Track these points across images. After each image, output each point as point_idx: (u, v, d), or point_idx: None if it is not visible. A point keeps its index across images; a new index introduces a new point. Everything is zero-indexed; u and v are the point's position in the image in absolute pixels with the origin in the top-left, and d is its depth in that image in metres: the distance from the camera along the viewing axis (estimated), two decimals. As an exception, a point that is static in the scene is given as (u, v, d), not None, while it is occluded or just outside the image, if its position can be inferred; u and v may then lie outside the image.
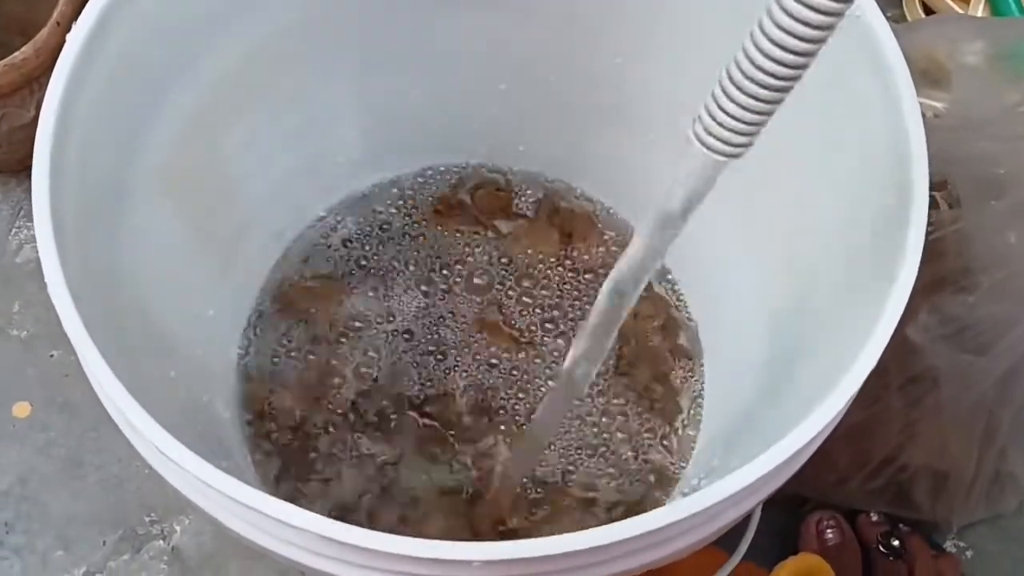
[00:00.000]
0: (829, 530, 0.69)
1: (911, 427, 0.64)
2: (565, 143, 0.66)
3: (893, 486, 0.67)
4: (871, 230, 0.44)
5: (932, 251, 0.42)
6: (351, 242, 0.66)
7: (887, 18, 0.45)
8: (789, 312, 0.51)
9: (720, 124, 0.32)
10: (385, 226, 0.67)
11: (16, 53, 0.66)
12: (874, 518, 0.70)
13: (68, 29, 0.67)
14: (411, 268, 0.65)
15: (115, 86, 0.44)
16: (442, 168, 0.69)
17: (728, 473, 0.37)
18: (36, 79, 0.67)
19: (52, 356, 0.72)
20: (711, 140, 0.33)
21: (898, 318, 0.39)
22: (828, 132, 0.48)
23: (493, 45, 0.61)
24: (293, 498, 0.55)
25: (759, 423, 0.49)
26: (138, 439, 0.38)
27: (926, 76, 0.66)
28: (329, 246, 0.66)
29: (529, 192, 0.68)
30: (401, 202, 0.68)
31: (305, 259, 0.65)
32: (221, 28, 0.52)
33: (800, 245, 0.51)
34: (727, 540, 0.50)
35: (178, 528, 0.67)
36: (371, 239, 0.66)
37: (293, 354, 0.62)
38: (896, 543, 0.69)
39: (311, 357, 0.62)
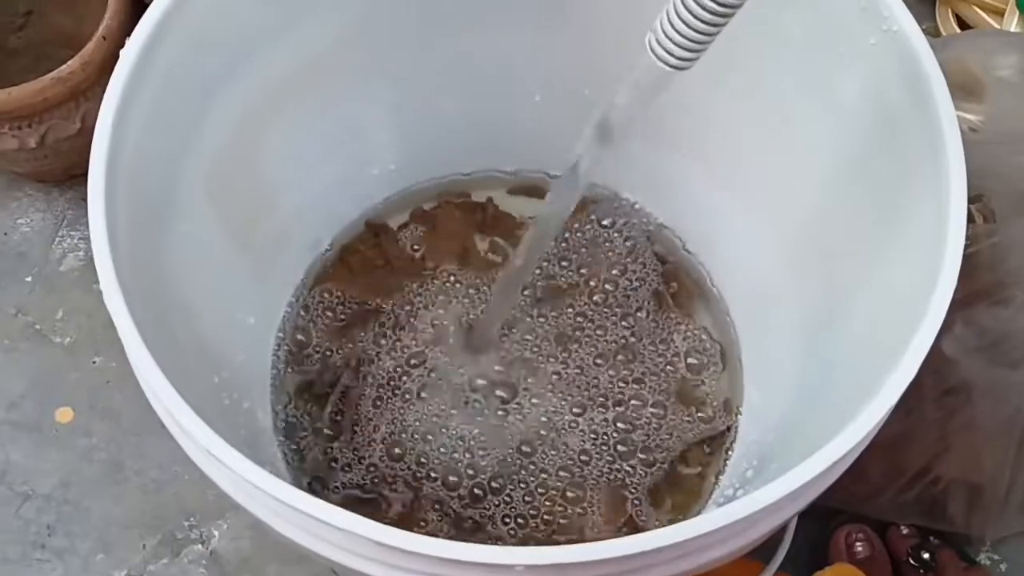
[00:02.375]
0: (859, 543, 0.69)
1: (945, 440, 0.64)
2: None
3: (926, 499, 0.67)
4: (909, 244, 0.45)
5: (967, 264, 0.42)
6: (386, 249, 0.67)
7: (922, 30, 0.45)
8: (827, 325, 0.51)
9: (670, 39, 0.38)
10: (418, 234, 0.68)
11: (63, 67, 0.67)
12: (904, 531, 0.70)
13: (114, 43, 0.69)
14: (445, 278, 0.66)
15: (164, 101, 0.46)
16: (476, 176, 0.70)
17: (763, 481, 0.37)
18: (82, 92, 0.69)
19: (94, 363, 0.74)
20: (662, 52, 0.38)
21: (936, 331, 0.39)
22: (865, 146, 0.49)
23: (526, 58, 0.62)
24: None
25: (795, 434, 0.50)
26: (187, 441, 0.38)
27: (961, 90, 0.66)
28: (364, 254, 0.67)
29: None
30: (436, 210, 0.69)
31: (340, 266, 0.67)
32: (264, 44, 0.53)
33: (838, 259, 0.51)
34: (761, 551, 0.50)
35: (216, 532, 0.68)
36: (405, 246, 0.67)
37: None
38: (926, 556, 0.69)
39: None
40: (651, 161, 0.63)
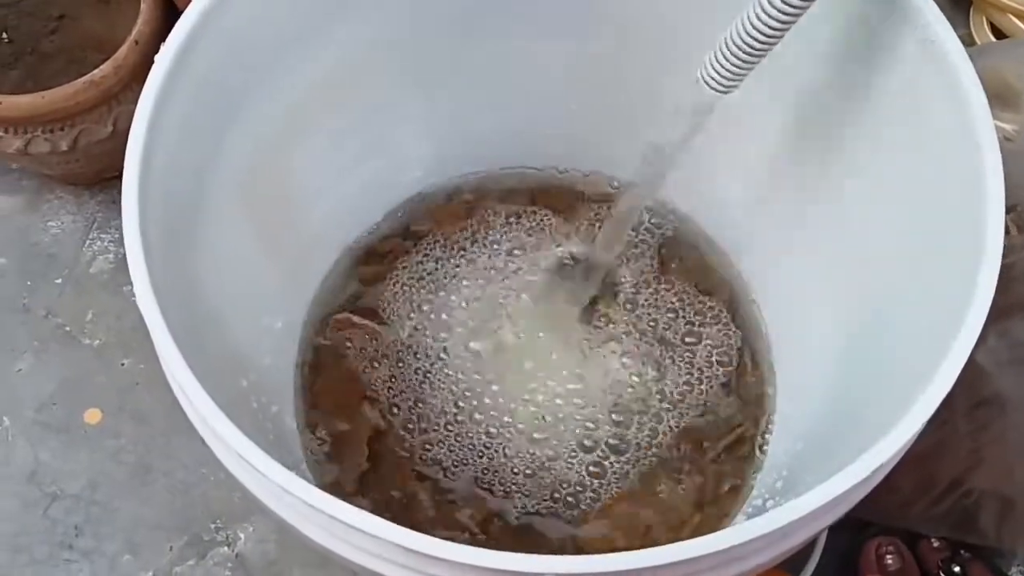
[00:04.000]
0: (889, 555, 0.68)
1: (977, 452, 0.63)
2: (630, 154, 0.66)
3: (957, 511, 0.66)
4: (945, 256, 0.44)
5: (1002, 276, 0.41)
6: (413, 254, 0.67)
7: (957, 38, 0.45)
8: (861, 334, 0.51)
9: (717, 68, 0.46)
10: (448, 238, 0.68)
11: (96, 71, 0.68)
12: (935, 544, 0.69)
13: (147, 48, 0.70)
14: (476, 282, 0.66)
15: (197, 108, 0.46)
16: (508, 185, 0.70)
17: (794, 493, 0.37)
18: (114, 96, 0.69)
19: (123, 365, 0.74)
20: (710, 79, 0.46)
21: (972, 344, 0.39)
22: (902, 156, 0.48)
23: (561, 67, 0.62)
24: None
25: (827, 445, 0.49)
26: (219, 446, 0.38)
27: (997, 99, 0.65)
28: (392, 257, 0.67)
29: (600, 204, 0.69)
30: (466, 213, 0.69)
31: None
32: (296, 53, 0.53)
33: (873, 268, 0.51)
34: (791, 563, 0.50)
35: (242, 535, 0.68)
36: (433, 250, 0.67)
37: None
38: (957, 569, 0.68)
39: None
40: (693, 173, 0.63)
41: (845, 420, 0.49)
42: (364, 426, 0.60)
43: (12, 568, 0.67)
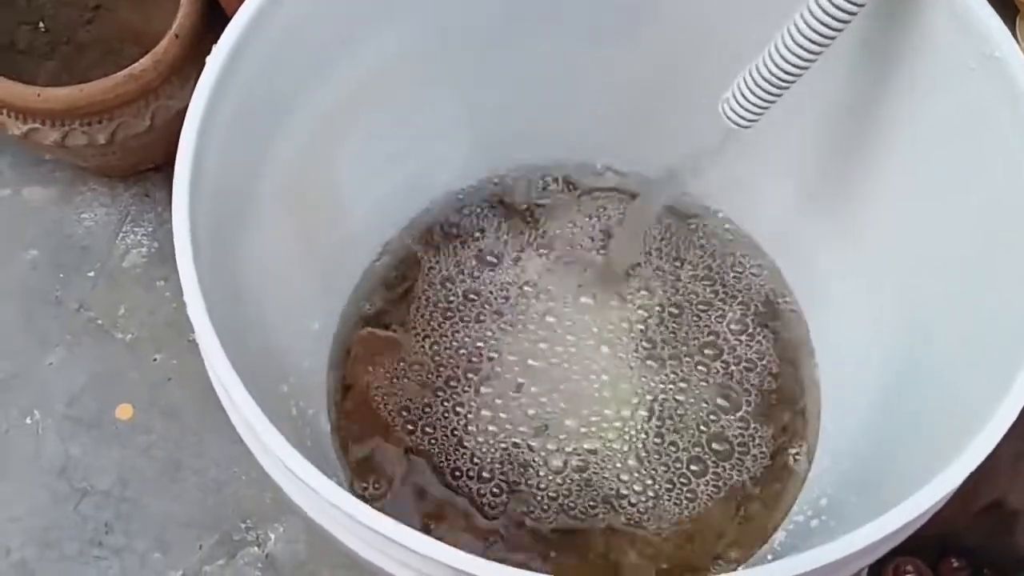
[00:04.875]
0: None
1: (1019, 472, 0.62)
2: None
3: (997, 527, 0.66)
4: (1003, 271, 0.43)
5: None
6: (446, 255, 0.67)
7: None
8: (911, 354, 0.50)
9: (739, 104, 0.47)
10: (481, 238, 0.67)
11: (135, 64, 0.67)
12: (955, 563, 0.69)
13: (186, 42, 0.69)
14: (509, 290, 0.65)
15: (247, 108, 0.45)
16: (542, 186, 0.70)
17: (839, 513, 0.36)
18: (153, 90, 0.69)
19: (155, 360, 0.74)
20: (732, 114, 0.48)
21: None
22: (958, 168, 0.47)
23: (597, 73, 0.61)
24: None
25: (876, 466, 0.48)
26: (264, 455, 0.38)
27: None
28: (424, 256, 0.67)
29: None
30: (499, 214, 0.68)
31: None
32: (343, 54, 0.53)
33: (926, 283, 0.50)
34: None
35: (272, 535, 0.68)
36: (466, 251, 0.67)
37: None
38: None
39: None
40: (736, 180, 0.62)
41: (894, 441, 0.48)
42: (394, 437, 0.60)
43: (42, 563, 0.67)
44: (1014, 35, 0.82)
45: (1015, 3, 0.81)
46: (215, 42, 0.44)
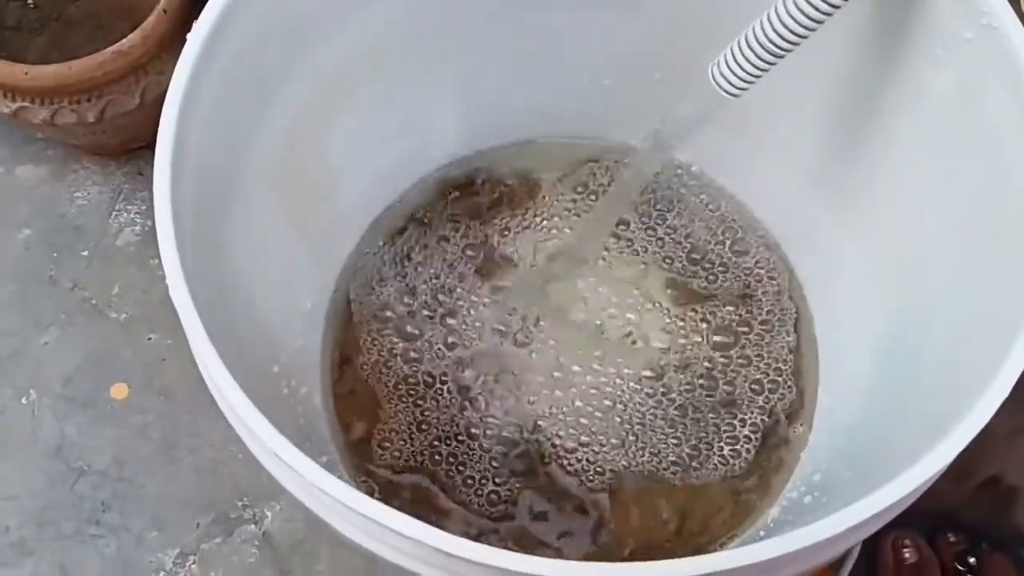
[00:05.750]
0: (906, 550, 0.68)
1: (1015, 449, 0.62)
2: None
3: (993, 502, 0.66)
4: (1000, 254, 0.43)
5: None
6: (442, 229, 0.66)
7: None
8: (909, 331, 0.50)
9: (731, 71, 0.46)
10: (478, 214, 0.67)
11: (123, 40, 0.67)
12: (952, 538, 0.69)
13: (175, 17, 0.68)
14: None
15: (231, 85, 0.45)
16: (541, 160, 0.69)
17: (833, 489, 0.36)
18: (142, 67, 0.68)
19: (149, 339, 0.73)
20: (723, 81, 0.46)
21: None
22: (956, 144, 0.46)
23: (597, 41, 0.60)
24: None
25: (870, 444, 0.48)
26: (253, 441, 0.38)
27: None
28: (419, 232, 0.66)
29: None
30: (497, 189, 0.68)
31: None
32: (330, 28, 0.52)
33: (925, 266, 0.49)
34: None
35: (269, 513, 0.68)
36: (462, 225, 0.66)
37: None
38: (973, 560, 0.67)
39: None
40: (739, 154, 0.62)
41: (888, 419, 0.48)
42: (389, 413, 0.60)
43: (39, 543, 0.67)
44: (1013, 5, 0.81)
45: (1016, -29, 0.80)
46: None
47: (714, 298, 0.63)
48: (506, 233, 0.66)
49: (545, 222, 0.66)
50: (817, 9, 0.42)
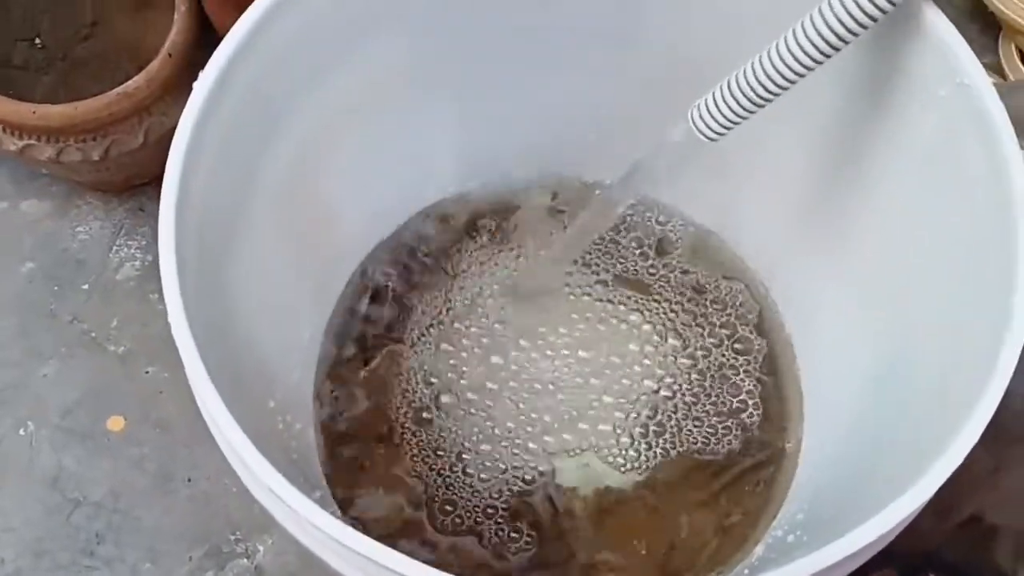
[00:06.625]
0: None
1: (997, 486, 0.63)
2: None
3: (976, 542, 0.66)
4: (974, 296, 0.44)
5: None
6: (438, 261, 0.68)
7: (983, 64, 0.45)
8: (893, 371, 0.51)
9: (710, 114, 0.47)
10: (474, 248, 0.68)
11: (129, 82, 0.68)
12: None
13: (180, 60, 0.70)
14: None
15: (236, 128, 0.46)
16: (537, 195, 0.71)
17: (815, 528, 0.37)
18: (146, 108, 0.70)
19: (147, 372, 0.75)
20: (700, 124, 0.47)
21: (1004, 387, 0.39)
22: (935, 192, 0.48)
23: (596, 81, 0.62)
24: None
25: (852, 482, 0.49)
26: (251, 479, 0.39)
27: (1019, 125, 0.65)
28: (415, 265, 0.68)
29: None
30: (495, 222, 0.69)
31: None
32: (335, 67, 0.54)
33: (906, 304, 0.51)
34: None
35: (262, 547, 0.69)
36: (458, 259, 0.68)
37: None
38: None
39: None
40: (722, 191, 0.63)
41: (872, 455, 0.49)
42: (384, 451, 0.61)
43: (35, 572, 0.68)
44: (997, 53, 0.84)
45: (998, 20, 0.83)
46: (208, 59, 0.45)
47: (690, 336, 0.65)
48: (508, 271, 0.67)
49: (522, 259, 0.68)
50: (801, 64, 0.43)
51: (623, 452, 0.61)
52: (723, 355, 0.64)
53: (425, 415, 0.62)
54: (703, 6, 0.55)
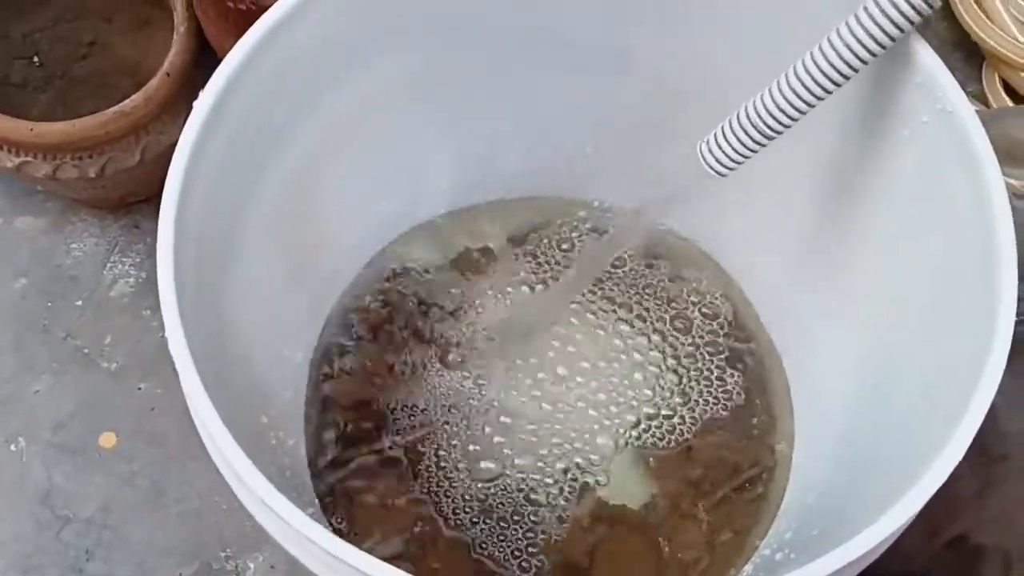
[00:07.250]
0: None
1: (983, 506, 0.63)
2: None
3: (962, 563, 0.67)
4: (959, 317, 0.45)
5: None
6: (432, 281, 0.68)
7: (967, 93, 0.46)
8: (879, 394, 0.52)
9: (720, 149, 0.47)
10: (467, 268, 0.69)
11: (127, 101, 0.69)
12: None
13: (178, 80, 0.71)
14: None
15: (233, 151, 0.47)
16: (529, 216, 0.71)
17: (803, 547, 0.37)
18: (143, 127, 0.70)
19: (140, 389, 0.75)
20: (710, 158, 0.48)
21: (986, 408, 0.40)
22: (917, 217, 0.49)
23: (591, 104, 0.63)
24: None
25: (840, 500, 0.50)
26: (245, 492, 0.39)
27: (1006, 155, 0.66)
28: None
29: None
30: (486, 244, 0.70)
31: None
32: (331, 88, 0.54)
33: (892, 329, 0.52)
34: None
35: (252, 565, 0.69)
36: (450, 278, 0.68)
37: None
38: None
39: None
40: (714, 212, 0.64)
41: (859, 475, 0.50)
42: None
43: (24, 589, 0.68)
44: (980, 82, 0.85)
45: (981, 51, 0.84)
46: (206, 79, 0.46)
47: (680, 355, 0.65)
48: (500, 293, 0.68)
49: (521, 287, 0.68)
50: (811, 92, 0.44)
51: (611, 471, 0.61)
52: (712, 373, 0.65)
53: (418, 434, 0.62)
54: (697, 22, 0.56)
